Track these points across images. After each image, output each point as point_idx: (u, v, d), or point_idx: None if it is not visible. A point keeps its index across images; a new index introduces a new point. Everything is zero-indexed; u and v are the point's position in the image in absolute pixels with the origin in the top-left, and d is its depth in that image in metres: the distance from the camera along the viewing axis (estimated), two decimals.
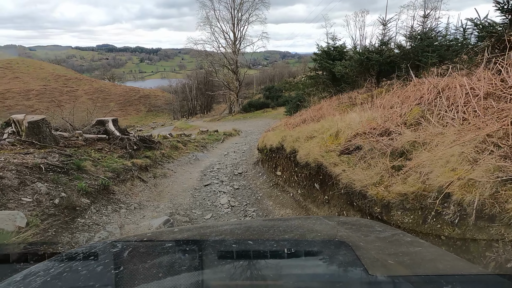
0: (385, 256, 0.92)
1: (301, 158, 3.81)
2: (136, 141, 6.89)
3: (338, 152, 3.01)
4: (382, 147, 2.48)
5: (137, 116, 54.32)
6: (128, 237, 1.42)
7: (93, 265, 0.99)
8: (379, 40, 7.46)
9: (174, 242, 1.18)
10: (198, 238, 1.25)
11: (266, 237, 1.18)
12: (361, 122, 3.28)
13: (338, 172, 2.80)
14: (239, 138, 15.02)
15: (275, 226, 1.37)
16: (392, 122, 2.81)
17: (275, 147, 5.53)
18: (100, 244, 1.23)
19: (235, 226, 1.50)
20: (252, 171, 7.49)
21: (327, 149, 3.24)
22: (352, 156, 2.82)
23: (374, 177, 2.35)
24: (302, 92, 15.16)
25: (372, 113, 3.51)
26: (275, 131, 8.59)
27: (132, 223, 3.66)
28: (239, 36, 30.20)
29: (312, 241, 1.12)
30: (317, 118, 7.30)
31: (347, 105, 7.61)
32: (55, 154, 4.01)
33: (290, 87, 43.07)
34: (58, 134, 6.21)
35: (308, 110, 10.70)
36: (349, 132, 3.16)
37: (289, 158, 4.64)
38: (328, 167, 3.01)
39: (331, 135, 3.59)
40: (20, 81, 50.46)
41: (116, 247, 1.15)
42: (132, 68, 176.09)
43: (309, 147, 3.73)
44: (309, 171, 3.74)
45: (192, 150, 9.78)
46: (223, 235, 1.27)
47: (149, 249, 1.15)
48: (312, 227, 1.31)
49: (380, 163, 2.42)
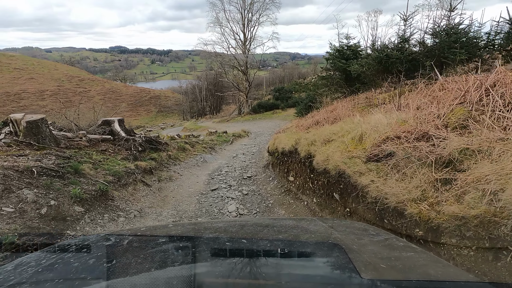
0: (378, 260, 0.92)
1: (318, 164, 3.41)
2: (142, 142, 6.61)
3: (364, 158, 2.59)
4: (422, 154, 2.06)
5: (147, 116, 54.80)
6: (122, 231, 1.42)
7: (86, 257, 0.98)
8: (398, 36, 6.97)
9: (168, 238, 1.18)
10: (192, 235, 1.24)
11: (260, 237, 1.17)
12: (390, 124, 2.85)
13: (365, 183, 2.38)
14: (248, 140, 14.66)
15: (269, 226, 1.36)
16: (429, 125, 2.38)
17: (288, 150, 5.13)
18: (93, 237, 1.23)
19: (230, 224, 1.50)
20: (262, 175, 7.11)
21: (350, 155, 2.83)
22: (382, 164, 2.40)
23: (413, 191, 1.93)
24: (314, 93, 14.67)
25: (400, 114, 3.08)
26: (287, 133, 8.20)
27: None
28: (249, 37, 29.91)
29: (306, 242, 1.11)
30: (331, 120, 6.86)
31: (364, 106, 7.14)
32: (51, 156, 3.73)
33: (300, 88, 42.63)
34: (61, 135, 5.98)
35: (321, 111, 10.26)
36: (376, 136, 2.74)
37: (304, 163, 4.23)
38: (352, 176, 2.59)
39: (353, 139, 3.17)
40: (35, 82, 51.66)
41: (109, 240, 1.15)
42: (144, 70, 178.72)
43: (327, 152, 3.31)
44: (328, 179, 3.33)
45: (200, 151, 9.47)
46: (217, 232, 1.26)
47: (142, 243, 1.14)
48: (306, 228, 1.31)
49: (420, 174, 2.00)
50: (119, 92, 58.01)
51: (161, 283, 0.80)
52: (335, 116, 7.19)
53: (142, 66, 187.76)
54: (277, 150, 5.96)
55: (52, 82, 53.58)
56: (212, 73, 43.56)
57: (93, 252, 1.04)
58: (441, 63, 6.25)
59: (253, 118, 27.28)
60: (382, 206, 2.19)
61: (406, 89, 5.66)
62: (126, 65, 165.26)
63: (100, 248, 1.07)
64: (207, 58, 34.77)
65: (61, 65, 67.09)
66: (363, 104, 7.33)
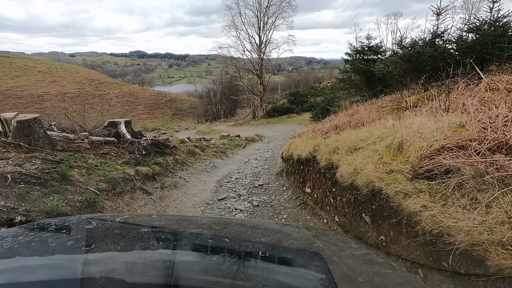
0: (357, 274, 0.93)
1: (343, 177, 2.78)
2: (146, 146, 6.18)
3: (409, 174, 1.96)
4: (507, 174, 1.42)
5: (163, 119, 55.48)
6: (105, 216, 1.52)
7: (64, 238, 0.97)
8: (430, 32, 6.22)
9: (150, 228, 1.16)
10: (174, 228, 1.23)
11: (243, 237, 1.16)
12: (440, 129, 2.21)
13: (413, 208, 1.75)
14: (262, 144, 14.09)
15: (254, 228, 1.35)
16: (507, 131, 1.73)
17: (304, 157, 4.52)
18: (74, 218, 1.23)
19: (214, 221, 1.48)
20: (275, 183, 6.51)
21: (388, 168, 2.20)
22: (437, 183, 1.77)
23: (497, 229, 1.30)
24: (332, 96, 13.93)
25: (452, 117, 2.42)
26: (302, 138, 7.58)
27: None
28: (265, 40, 29.55)
29: (288, 248, 1.11)
30: (353, 124, 6.18)
31: (390, 110, 6.42)
32: (37, 160, 3.31)
33: (315, 92, 42.08)
34: (62, 136, 5.65)
35: (339, 115, 9.57)
36: (423, 145, 2.10)
37: (324, 174, 3.61)
38: (392, 198, 1.97)
39: (389, 147, 2.54)
40: (57, 85, 53.55)
41: (91, 224, 1.15)
42: (161, 74, 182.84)
43: (355, 162, 2.69)
44: (355, 196, 2.70)
45: (210, 156, 8.99)
46: (200, 228, 1.25)
47: (123, 231, 1.12)
48: (290, 234, 1.30)
49: (504, 203, 1.36)
50: (136, 95, 59.15)
51: (137, 272, 0.78)
52: (356, 120, 6.50)
53: (160, 70, 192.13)
54: (292, 156, 5.35)
55: (73, 85, 55.36)
56: (227, 77, 43.64)
57: (73, 234, 1.02)
58: (481, 60, 5.47)
59: (267, 122, 26.77)
60: (441, 244, 1.55)
61: (441, 90, 4.93)
62: (145, 69, 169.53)
63: (80, 231, 1.06)
64: (222, 62, 34.76)
65: (82, 68, 69.43)
66: (388, 107, 6.61)
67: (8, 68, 54.44)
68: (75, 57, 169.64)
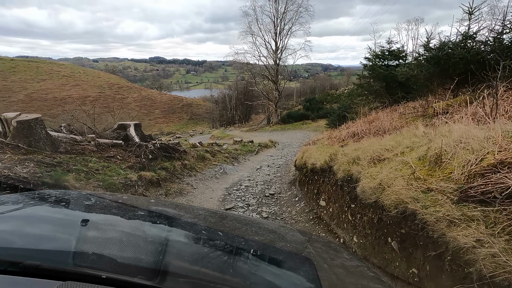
0: (345, 284, 0.92)
1: (365, 192, 2.37)
2: (154, 150, 5.96)
3: (455, 195, 1.54)
4: None
5: (179, 123, 56.23)
6: (104, 194, 1.57)
7: (62, 212, 0.99)
8: (461, 34, 5.67)
9: (147, 212, 1.17)
10: (171, 215, 1.21)
11: (237, 233, 1.16)
12: (490, 139, 1.77)
13: (464, 243, 1.33)
14: (275, 151, 13.69)
15: (248, 225, 1.33)
16: None
17: (319, 167, 4.10)
18: (74, 193, 1.31)
19: (210, 213, 1.45)
20: (287, 192, 6.10)
21: (423, 186, 1.78)
22: (496, 210, 1.34)
23: None
24: (350, 102, 13.37)
25: (504, 125, 1.97)
26: (317, 146, 7.14)
27: None
28: (281, 46, 29.36)
29: (280, 250, 1.09)
30: (373, 132, 5.71)
31: (415, 117, 5.89)
32: (31, 162, 3.11)
33: (332, 99, 41.51)
34: (70, 138, 5.52)
35: (357, 122, 9.06)
36: (471, 158, 1.67)
37: (341, 186, 3.20)
38: (432, 224, 1.55)
39: (423, 160, 2.11)
40: (79, 88, 55.61)
41: (90, 200, 1.18)
42: (179, 79, 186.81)
43: (380, 176, 2.27)
44: (379, 216, 2.28)
45: (221, 161, 8.70)
46: (196, 218, 1.25)
47: (121, 211, 1.12)
48: (283, 236, 1.29)
49: None
50: (153, 99, 60.42)
51: (129, 253, 0.77)
52: (377, 127, 6.02)
53: (177, 75, 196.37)
54: (306, 165, 4.94)
55: (95, 88, 57.30)
56: (242, 82, 43.81)
57: (71, 208, 1.03)
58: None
59: (281, 128, 26.36)
60: None
61: (478, 94, 4.39)
62: (163, 75, 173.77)
63: (79, 206, 1.07)
64: (238, 68, 34.86)
65: (104, 73, 71.92)
66: (412, 114, 6.07)
67: (35, 72, 57.17)
68: (98, 63, 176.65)
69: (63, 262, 0.69)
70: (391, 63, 10.78)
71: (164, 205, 1.44)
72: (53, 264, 0.68)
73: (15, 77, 53.79)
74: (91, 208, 1.05)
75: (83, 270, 0.66)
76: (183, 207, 1.56)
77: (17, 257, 0.68)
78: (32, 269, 0.64)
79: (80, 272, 0.65)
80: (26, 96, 49.53)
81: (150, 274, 0.67)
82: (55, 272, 0.65)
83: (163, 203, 1.58)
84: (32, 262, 0.65)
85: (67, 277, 0.62)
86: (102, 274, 0.64)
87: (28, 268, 0.64)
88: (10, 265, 0.65)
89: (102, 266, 0.67)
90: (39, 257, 0.70)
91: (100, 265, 0.67)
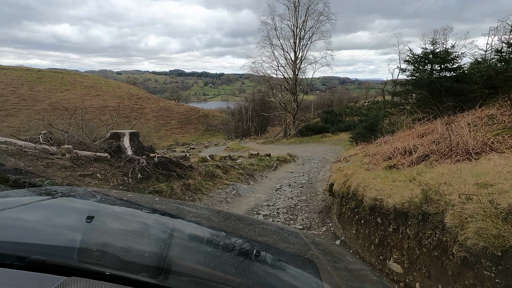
0: (348, 287, 0.92)
1: None
2: (146, 166, 4.63)
3: None
4: None
5: (195, 134, 55.78)
6: (109, 191, 1.49)
7: (68, 209, 1.00)
8: None
9: (151, 210, 1.18)
10: (174, 214, 1.23)
11: (240, 234, 1.16)
12: None
13: None
14: (295, 166, 12.14)
15: (251, 225, 1.33)
16: None
17: (394, 207, 2.56)
18: (81, 190, 1.32)
19: (214, 213, 1.46)
20: (320, 228, 4.55)
21: None
22: None
23: None
24: (384, 112, 11.70)
25: None
26: (356, 164, 5.59)
27: None
28: (301, 55, 28.22)
29: (283, 251, 1.09)
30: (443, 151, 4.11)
31: (501, 130, 4.25)
32: None
33: (351, 112, 40.04)
34: (41, 149, 4.32)
35: (400, 136, 7.45)
36: None
37: (465, 260, 1.67)
38: None
39: None
40: (100, 98, 56.76)
41: (95, 197, 1.19)
42: (197, 91, 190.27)
43: None
44: None
45: (233, 179, 7.27)
46: (199, 218, 1.25)
47: (126, 209, 1.15)
48: (286, 237, 1.28)
49: None
50: (171, 110, 60.66)
51: (133, 251, 0.78)
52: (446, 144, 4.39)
53: (196, 88, 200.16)
54: (357, 196, 3.38)
55: (115, 99, 58.32)
56: (259, 94, 43.09)
57: (77, 204, 1.06)
58: None
59: (300, 141, 24.82)
60: None
61: None
62: (182, 87, 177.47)
63: (84, 204, 1.09)
64: (256, 81, 34.04)
65: (124, 84, 73.67)
66: (498, 125, 4.45)
67: (59, 83, 59.13)
68: (121, 75, 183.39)
69: (68, 258, 0.70)
70: (436, 67, 9.16)
71: (168, 204, 1.44)
72: (58, 259, 0.69)
73: (41, 87, 55.76)
74: (96, 205, 1.06)
75: (88, 266, 0.67)
76: (188, 206, 1.57)
77: (23, 252, 0.70)
78: (37, 264, 0.66)
79: (85, 268, 0.67)
80: (49, 105, 50.99)
81: (153, 271, 0.68)
82: (60, 267, 0.66)
83: (168, 202, 1.58)
84: (38, 257, 0.67)
85: (71, 272, 0.64)
86: (106, 271, 0.66)
87: (34, 263, 0.66)
88: (16, 260, 0.67)
89: (106, 263, 0.68)
90: (44, 252, 0.71)
91: (104, 261, 0.69)
